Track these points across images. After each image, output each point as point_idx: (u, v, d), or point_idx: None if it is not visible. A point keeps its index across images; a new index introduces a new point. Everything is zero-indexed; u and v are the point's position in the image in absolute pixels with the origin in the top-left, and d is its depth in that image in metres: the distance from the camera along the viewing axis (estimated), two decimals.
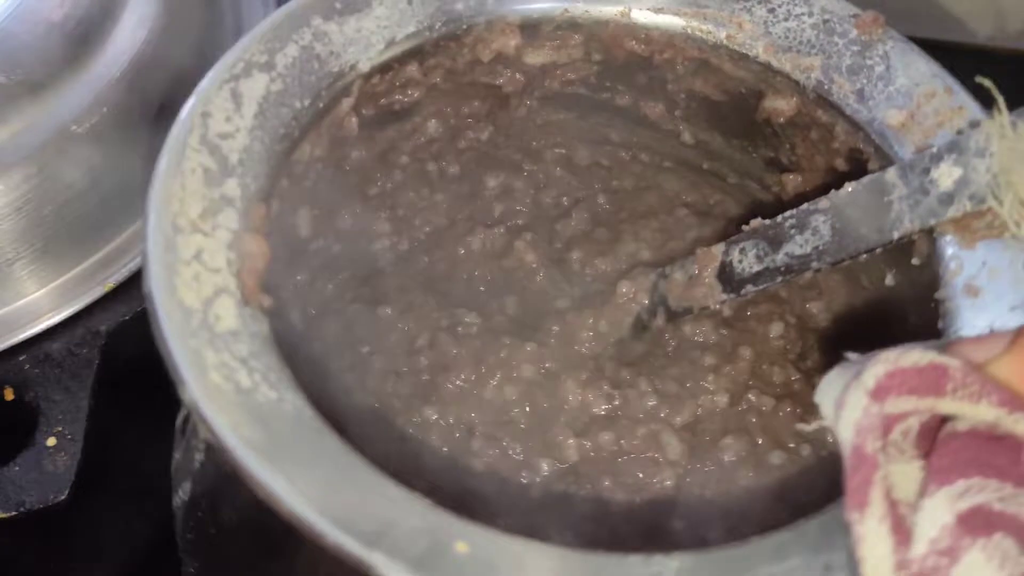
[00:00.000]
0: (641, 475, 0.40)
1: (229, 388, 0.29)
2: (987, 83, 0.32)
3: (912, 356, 0.27)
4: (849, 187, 0.35)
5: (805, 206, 0.37)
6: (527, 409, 0.42)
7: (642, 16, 0.43)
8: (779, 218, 0.38)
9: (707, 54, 0.43)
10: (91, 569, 0.35)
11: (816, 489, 0.38)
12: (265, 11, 0.52)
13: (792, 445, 0.41)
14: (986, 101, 0.34)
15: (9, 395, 0.41)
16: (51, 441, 0.38)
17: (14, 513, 0.36)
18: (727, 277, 0.40)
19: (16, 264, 0.43)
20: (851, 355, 0.29)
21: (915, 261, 0.37)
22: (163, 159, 0.33)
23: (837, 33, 0.41)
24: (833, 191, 0.36)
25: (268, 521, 0.27)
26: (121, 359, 0.42)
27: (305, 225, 0.43)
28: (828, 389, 0.28)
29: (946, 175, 0.32)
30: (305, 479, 0.27)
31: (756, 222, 0.39)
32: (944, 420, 0.27)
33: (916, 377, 0.27)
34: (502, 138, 0.50)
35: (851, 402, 0.27)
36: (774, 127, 0.44)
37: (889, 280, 0.40)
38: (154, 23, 0.43)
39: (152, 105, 0.44)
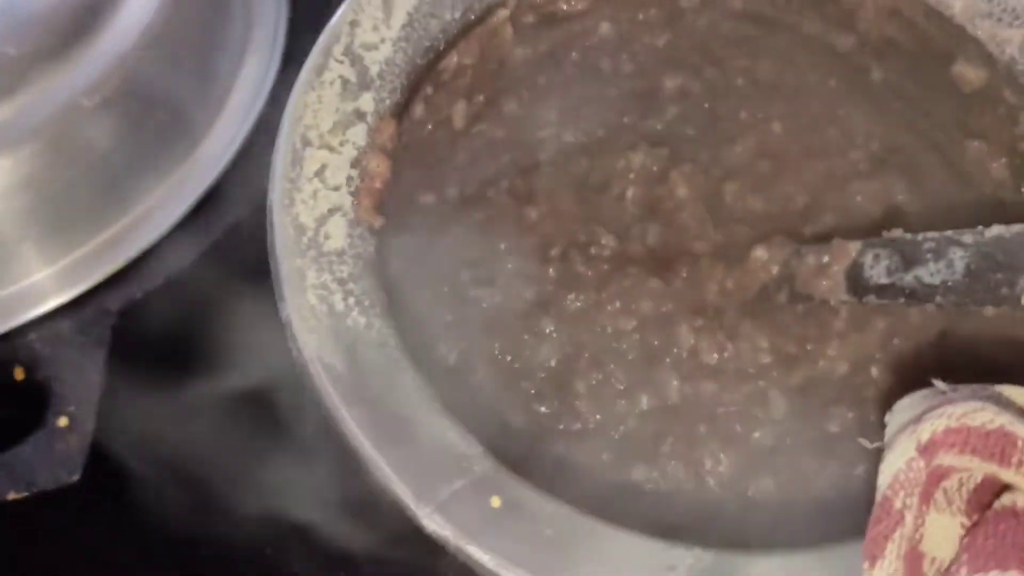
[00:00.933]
0: (739, 428, 0.41)
1: (323, 310, 0.31)
2: None
3: (982, 415, 0.26)
4: (996, 230, 0.33)
5: (949, 233, 0.34)
6: (638, 342, 0.42)
7: None
8: (920, 236, 0.35)
9: (900, 3, 0.39)
10: (102, 551, 0.36)
11: None
12: None
13: None
14: None
15: (20, 375, 0.41)
16: (62, 421, 0.38)
17: (25, 494, 0.37)
18: (855, 278, 0.38)
19: (25, 242, 0.41)
20: (939, 384, 0.28)
21: None
22: (306, 68, 0.35)
23: None
24: (982, 227, 0.33)
25: None
26: (133, 339, 0.41)
27: (460, 118, 0.44)
28: (897, 415, 0.28)
29: None
30: (371, 418, 0.29)
31: (897, 232, 0.37)
32: (1005, 487, 0.26)
33: (982, 440, 0.26)
34: (682, 43, 0.48)
35: (899, 448, 0.26)
36: (962, 92, 0.40)
37: None
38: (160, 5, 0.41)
39: (162, 78, 0.42)
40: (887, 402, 0.41)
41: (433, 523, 0.28)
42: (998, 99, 0.38)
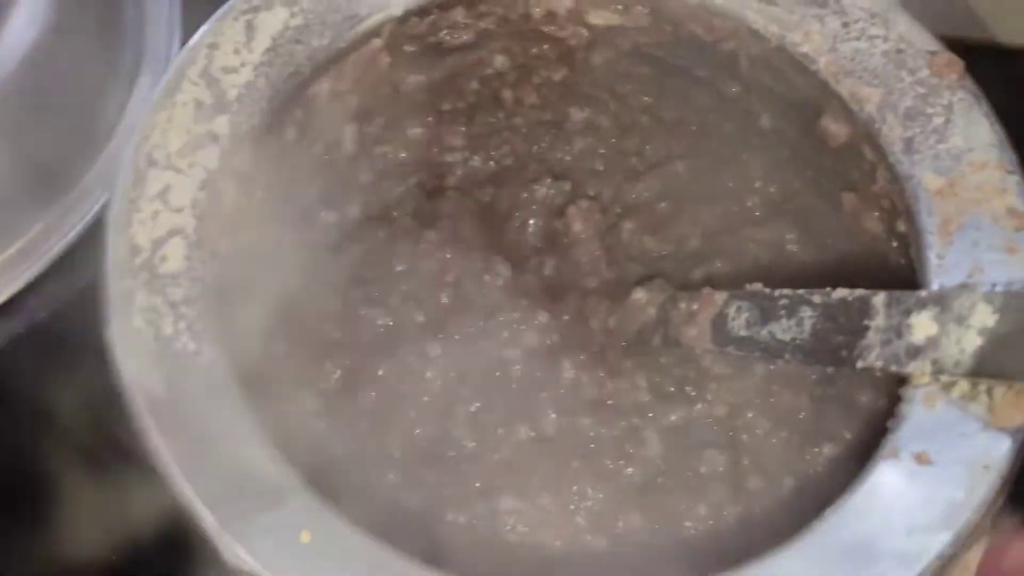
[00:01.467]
0: (610, 464, 0.41)
1: (149, 333, 0.31)
2: None
3: None
4: (840, 292, 0.33)
5: (802, 292, 0.35)
6: (521, 373, 0.42)
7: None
8: (776, 293, 0.36)
9: (769, 56, 0.40)
10: None
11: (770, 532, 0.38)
12: (170, 5, 0.49)
13: (776, 473, 0.40)
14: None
15: None
16: None
17: None
18: (719, 328, 0.38)
19: None
20: None
21: None
22: (158, 88, 0.34)
23: (907, 68, 0.37)
24: (829, 289, 0.34)
25: None
26: (11, 379, 0.40)
27: (351, 141, 0.44)
28: None
29: (922, 327, 0.30)
30: (185, 446, 0.29)
31: (757, 287, 0.37)
32: None
33: None
34: (582, 79, 0.49)
35: None
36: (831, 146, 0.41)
37: None
38: (45, 22, 0.41)
39: (46, 107, 0.42)
40: (762, 447, 0.41)
41: (235, 555, 0.28)
42: (861, 155, 0.38)
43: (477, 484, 0.39)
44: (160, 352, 0.31)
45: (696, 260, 0.44)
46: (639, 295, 0.43)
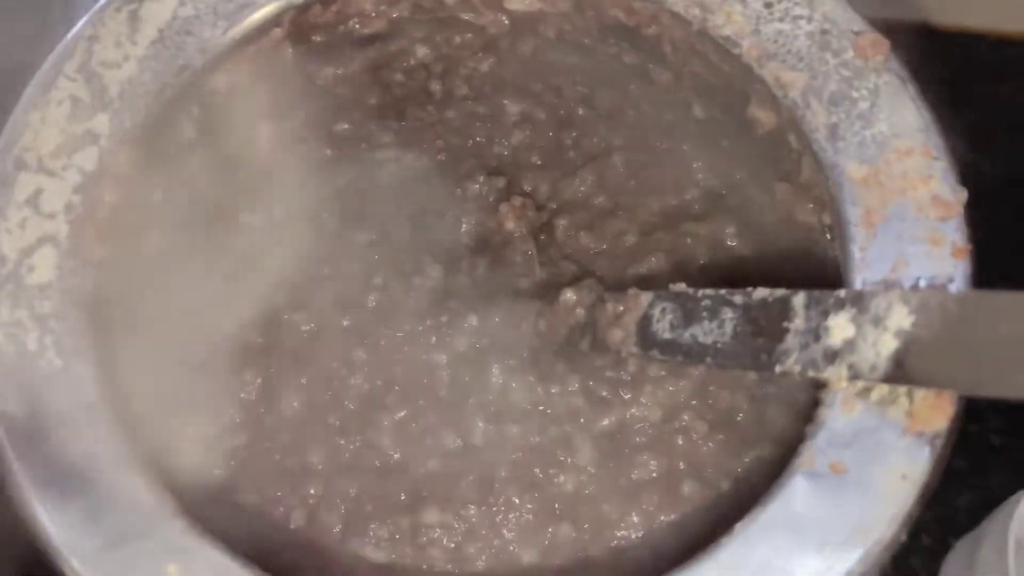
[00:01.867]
0: (540, 473, 0.39)
1: (10, 350, 0.29)
2: None
3: None
4: (761, 292, 0.31)
5: (724, 292, 0.33)
6: (448, 379, 0.40)
7: None
8: (699, 293, 0.34)
9: (692, 40, 0.38)
10: None
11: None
12: None
13: (712, 477, 0.39)
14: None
15: None
16: None
17: None
18: (644, 330, 0.36)
19: None
20: None
21: None
22: (31, 84, 0.32)
23: (832, 49, 0.35)
24: (750, 289, 0.32)
25: None
26: None
27: (266, 139, 0.42)
28: None
29: (839, 329, 0.28)
30: (45, 472, 0.27)
31: (680, 287, 0.35)
32: None
33: None
34: (511, 69, 0.46)
35: None
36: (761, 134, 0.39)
37: None
38: None
39: None
40: (697, 451, 0.39)
41: None
42: (787, 144, 0.36)
43: (402, 496, 0.37)
44: (22, 369, 0.29)
45: (632, 257, 0.42)
46: (568, 296, 0.41)
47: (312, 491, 0.36)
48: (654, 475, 0.38)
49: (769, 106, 0.36)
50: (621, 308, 0.38)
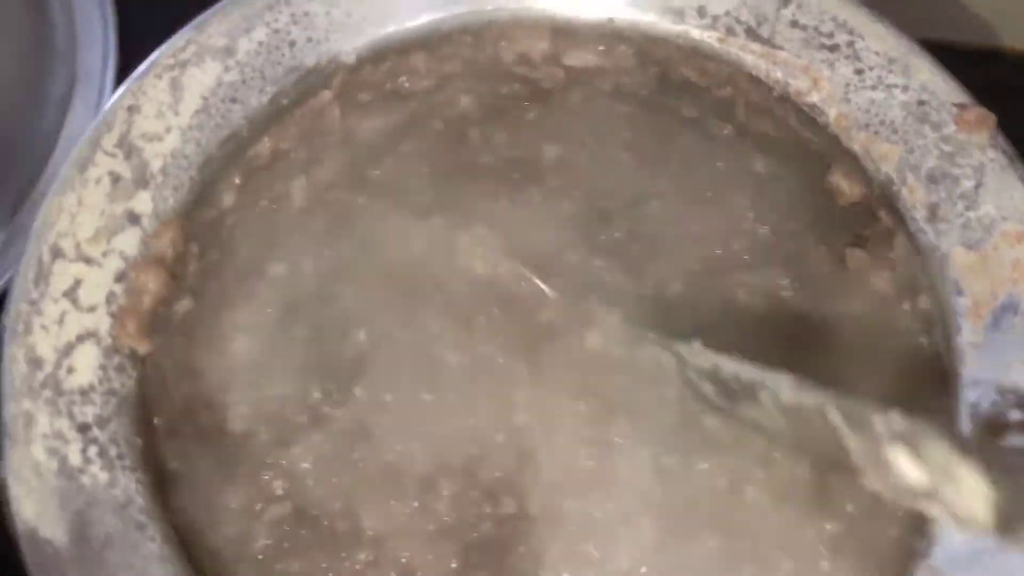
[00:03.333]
0: (596, 552, 0.36)
1: (51, 467, 0.26)
2: None
3: None
4: (788, 391, 0.28)
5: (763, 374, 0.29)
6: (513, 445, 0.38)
7: (702, 41, 0.35)
8: (726, 371, 0.30)
9: (771, 105, 0.35)
10: None
11: None
12: (104, 29, 0.44)
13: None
14: None
15: None
16: None
17: None
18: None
19: None
20: None
21: None
22: (67, 163, 0.29)
23: (930, 122, 0.32)
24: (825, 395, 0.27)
25: None
26: None
27: (301, 193, 0.39)
28: None
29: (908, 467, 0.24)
30: None
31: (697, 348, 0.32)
32: None
33: None
34: (556, 116, 0.44)
35: None
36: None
37: None
38: None
39: None
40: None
41: None
42: (875, 218, 0.34)
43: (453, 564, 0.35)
44: (64, 489, 0.26)
45: (680, 305, 0.40)
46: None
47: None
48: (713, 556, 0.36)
49: (856, 177, 0.34)
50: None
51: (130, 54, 0.44)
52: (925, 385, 0.36)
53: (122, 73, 0.43)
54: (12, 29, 0.40)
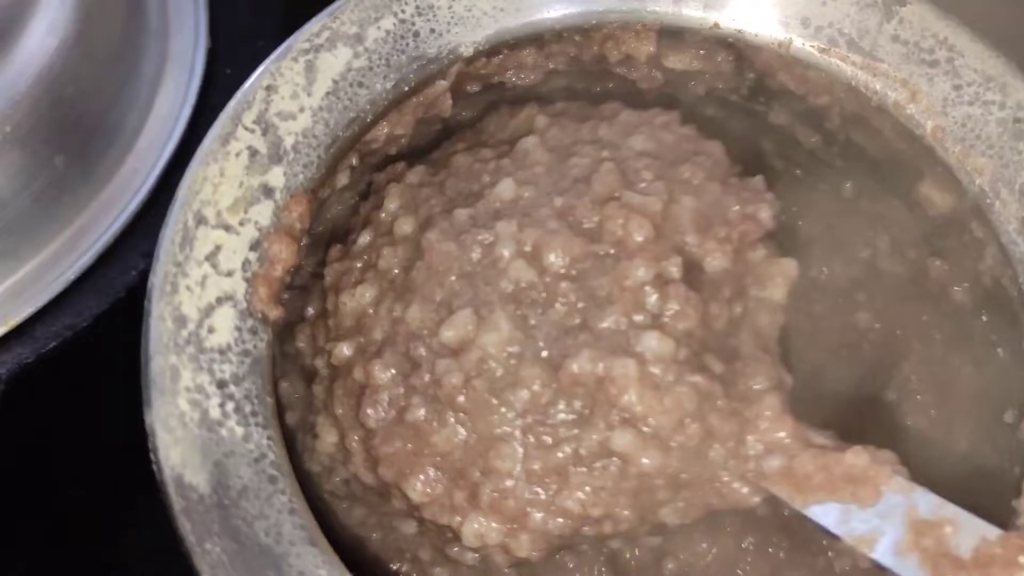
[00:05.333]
0: None
1: (194, 417, 0.28)
2: None
3: None
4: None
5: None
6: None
7: (803, 51, 0.37)
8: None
9: (867, 114, 0.36)
10: None
11: None
12: (196, 13, 0.46)
13: None
14: None
15: None
16: None
17: None
18: None
19: None
20: None
21: None
22: (210, 135, 0.31)
23: None
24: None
25: None
26: (22, 409, 0.36)
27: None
28: None
29: None
30: (232, 550, 0.26)
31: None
32: None
33: None
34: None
35: None
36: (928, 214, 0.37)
37: None
38: (67, 30, 0.38)
39: (66, 119, 0.38)
40: None
41: None
42: (964, 228, 0.35)
43: None
44: (205, 439, 0.28)
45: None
46: None
47: None
48: None
49: (949, 189, 0.35)
50: None
51: (218, 37, 0.46)
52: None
53: (210, 56, 0.45)
54: (109, 8, 0.42)
